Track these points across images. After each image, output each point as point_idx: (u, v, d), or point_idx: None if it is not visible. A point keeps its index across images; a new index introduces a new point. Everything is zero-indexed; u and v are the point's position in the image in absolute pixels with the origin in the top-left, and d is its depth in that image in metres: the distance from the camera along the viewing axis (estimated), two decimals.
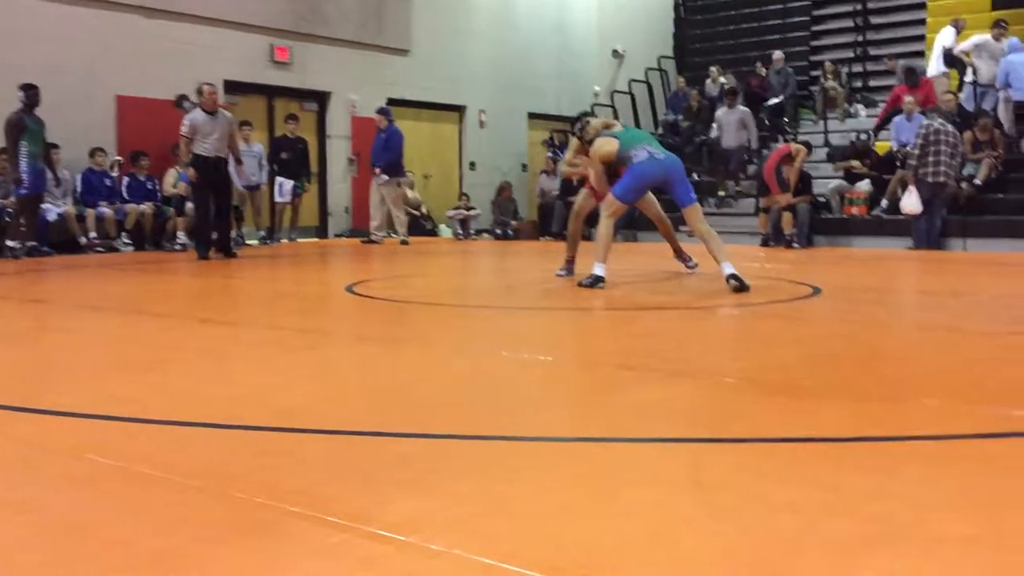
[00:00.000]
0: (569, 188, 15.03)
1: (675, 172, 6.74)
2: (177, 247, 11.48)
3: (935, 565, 1.65)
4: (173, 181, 11.82)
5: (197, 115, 9.65)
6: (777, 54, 15.61)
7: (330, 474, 2.17)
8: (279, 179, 13.00)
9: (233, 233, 10.79)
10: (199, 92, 9.83)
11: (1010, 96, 12.38)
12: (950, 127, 11.38)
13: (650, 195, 7.57)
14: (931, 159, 11.26)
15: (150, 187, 11.69)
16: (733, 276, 6.17)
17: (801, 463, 2.30)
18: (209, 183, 9.67)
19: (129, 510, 1.97)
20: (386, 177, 12.75)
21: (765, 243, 12.24)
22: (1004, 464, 2.29)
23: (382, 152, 12.75)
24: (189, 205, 10.90)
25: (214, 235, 9.87)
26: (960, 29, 13.37)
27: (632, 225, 14.03)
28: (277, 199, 13.15)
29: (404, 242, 12.73)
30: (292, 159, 13.05)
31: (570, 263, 7.62)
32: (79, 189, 11.13)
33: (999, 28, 12.87)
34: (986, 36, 12.89)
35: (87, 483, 2.16)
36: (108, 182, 11.35)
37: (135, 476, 2.17)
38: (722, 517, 1.89)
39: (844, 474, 2.19)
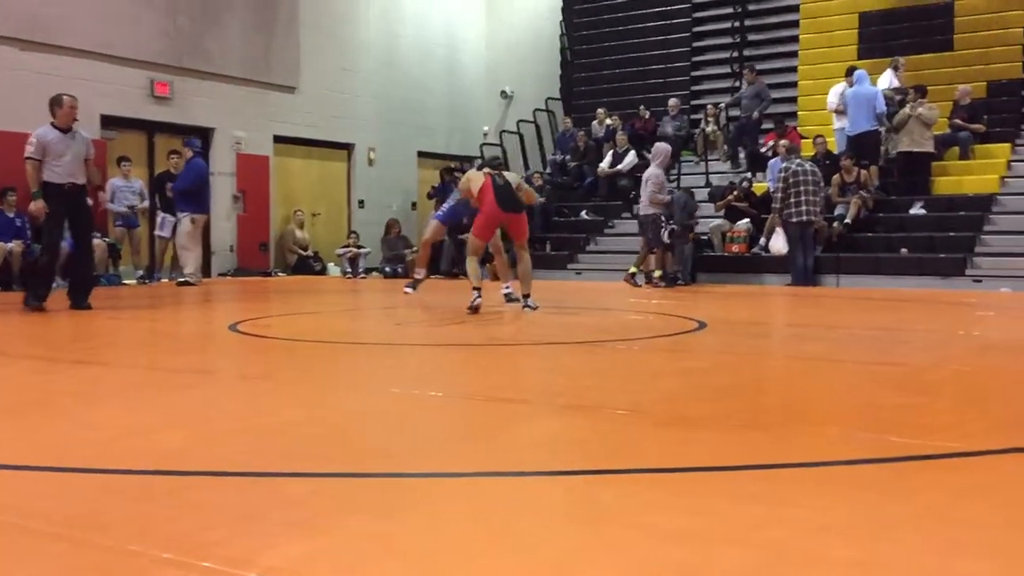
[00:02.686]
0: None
1: None
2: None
3: None
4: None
5: (47, 132, 7.86)
6: (672, 101, 16.09)
7: (210, 518, 2.06)
8: (161, 215, 12.56)
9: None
10: (56, 103, 7.99)
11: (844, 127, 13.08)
12: (808, 166, 11.89)
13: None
14: (793, 200, 11.74)
15: (19, 224, 11.15)
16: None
17: (691, 492, 2.32)
18: (63, 215, 7.90)
19: None
20: (181, 214, 12.08)
21: (649, 280, 12.51)
22: (885, 488, 2.36)
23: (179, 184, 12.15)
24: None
25: (57, 282, 8.46)
26: (899, 68, 13.87)
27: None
28: (157, 234, 12.71)
29: (185, 282, 11.81)
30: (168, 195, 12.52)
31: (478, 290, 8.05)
32: None
33: (895, 69, 13.61)
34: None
35: None
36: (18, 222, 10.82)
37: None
38: (615, 549, 1.87)
39: (732, 502, 2.21)
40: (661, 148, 11.94)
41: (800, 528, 2.00)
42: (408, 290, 8.08)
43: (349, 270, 15.07)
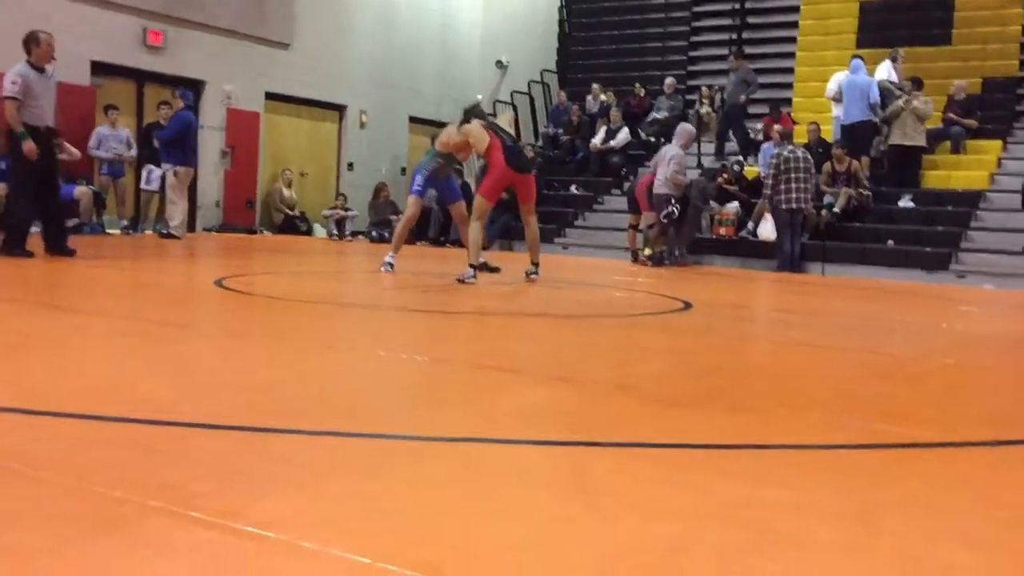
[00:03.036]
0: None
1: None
2: (34, 230, 10.83)
3: (809, 570, 1.68)
4: None
5: (28, 71, 7.53)
6: (669, 80, 16.03)
7: (196, 469, 2.05)
8: (148, 167, 12.41)
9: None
10: (33, 40, 7.61)
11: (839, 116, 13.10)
12: (801, 153, 11.89)
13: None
14: (783, 186, 11.75)
15: (3, 167, 11.00)
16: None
17: (680, 469, 2.32)
18: (38, 159, 7.61)
19: None
20: (165, 165, 11.88)
21: (635, 258, 12.52)
22: (869, 474, 2.38)
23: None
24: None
25: (35, 228, 8.09)
26: (898, 60, 13.85)
27: (508, 235, 14.12)
28: (143, 187, 12.57)
29: (170, 235, 11.59)
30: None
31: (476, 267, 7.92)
32: None
33: (894, 61, 13.57)
34: (893, 75, 13.50)
35: None
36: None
37: None
38: (603, 521, 1.88)
39: (719, 481, 2.21)
40: (685, 128, 11.93)
41: (785, 508, 2.01)
42: (385, 269, 7.86)
43: (335, 232, 15.00)
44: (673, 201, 11.45)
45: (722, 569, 1.65)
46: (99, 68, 12.66)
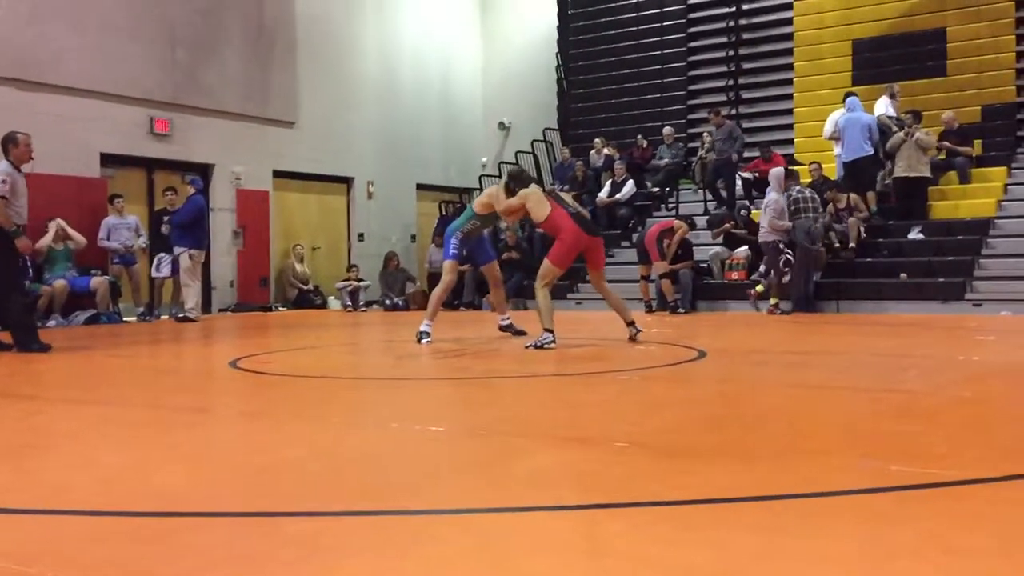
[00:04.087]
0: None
1: None
2: (51, 324, 10.99)
3: None
4: (41, 258, 11.42)
5: (11, 169, 7.48)
6: (667, 129, 16.19)
7: (210, 559, 2.06)
8: (159, 255, 12.52)
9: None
10: (11, 141, 7.59)
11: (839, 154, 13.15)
12: (808, 192, 11.94)
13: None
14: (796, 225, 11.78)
15: (20, 265, 11.17)
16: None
17: (693, 525, 2.32)
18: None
19: None
20: (179, 249, 12.06)
21: (649, 309, 12.52)
22: (885, 517, 2.36)
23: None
24: None
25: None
26: (895, 96, 13.93)
27: (520, 293, 14.16)
28: (155, 275, 12.64)
29: (185, 318, 11.77)
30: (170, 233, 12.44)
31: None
32: None
33: (892, 98, 13.62)
34: (890, 110, 13.56)
35: None
36: None
37: None
38: None
39: (733, 534, 2.20)
40: (777, 173, 11.87)
41: (801, 559, 2.00)
42: (424, 340, 7.75)
43: (349, 303, 15.09)
44: (782, 247, 11.31)
45: None
46: (108, 159, 12.92)
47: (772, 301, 11.66)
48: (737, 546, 2.10)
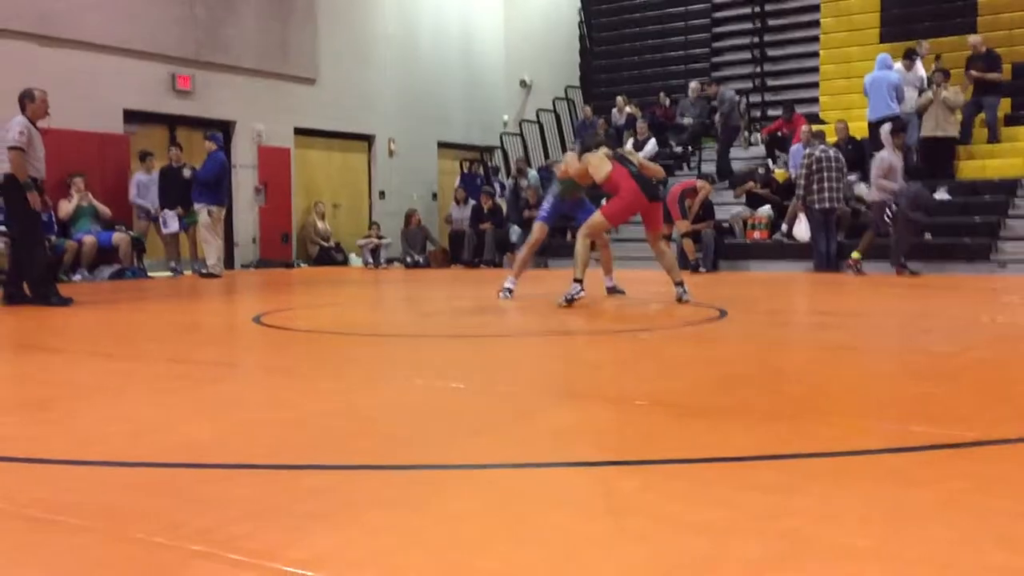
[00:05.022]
0: (480, 217, 15.14)
1: None
2: (76, 278, 11.11)
3: None
4: (68, 213, 11.53)
5: (28, 123, 7.57)
6: (693, 84, 15.98)
7: (236, 511, 2.10)
8: (163, 212, 12.48)
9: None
10: (29, 97, 7.67)
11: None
12: (832, 152, 11.80)
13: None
14: (816, 187, 11.68)
15: (45, 219, 11.27)
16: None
17: (709, 483, 2.34)
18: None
19: (20, 556, 1.87)
20: (199, 205, 12.11)
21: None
22: (904, 478, 2.37)
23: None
24: None
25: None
26: (923, 56, 13.63)
27: (542, 252, 14.14)
28: (164, 231, 12.63)
29: (209, 274, 11.88)
30: (174, 189, 12.41)
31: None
32: None
33: (909, 59, 13.32)
34: (920, 70, 13.30)
35: None
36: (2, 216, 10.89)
37: (26, 520, 2.07)
38: (633, 540, 1.90)
39: (749, 493, 2.22)
40: (885, 130, 11.55)
41: (816, 518, 2.01)
42: (506, 295, 7.87)
43: (371, 260, 15.15)
44: (890, 207, 10.88)
45: None
46: (131, 116, 12.96)
47: (855, 255, 11.22)
48: (753, 505, 2.12)
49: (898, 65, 13.36)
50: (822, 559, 1.77)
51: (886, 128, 11.61)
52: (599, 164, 7.22)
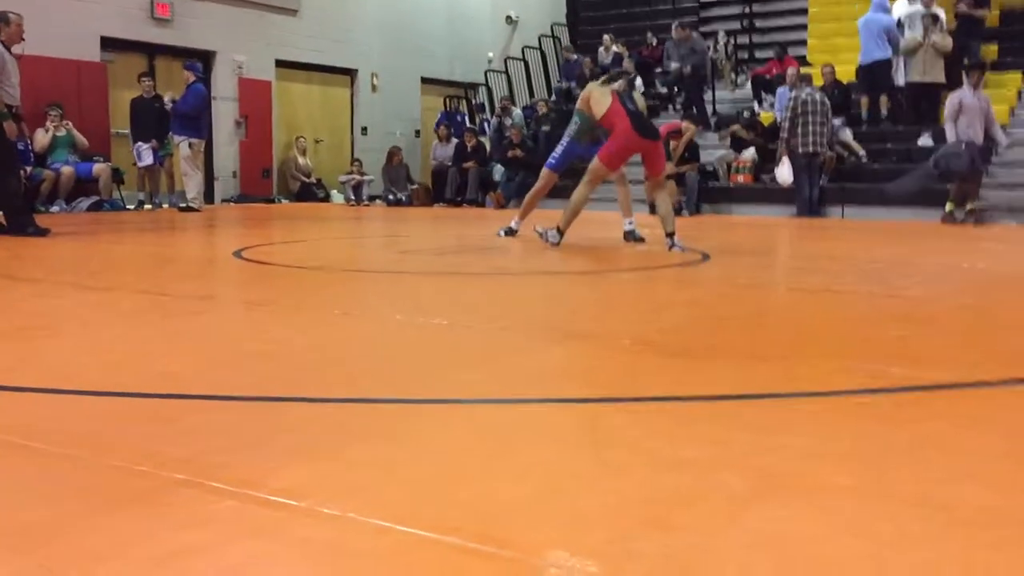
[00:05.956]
0: (463, 155, 15.01)
1: None
2: (54, 209, 10.97)
3: (817, 512, 1.70)
4: (45, 143, 11.32)
5: (3, 49, 7.40)
6: (676, 26, 15.69)
7: (216, 441, 2.09)
8: (136, 144, 12.23)
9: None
10: (3, 20, 7.50)
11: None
12: (818, 96, 11.74)
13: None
14: (799, 130, 11.63)
15: (21, 148, 11.07)
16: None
17: (691, 421, 2.34)
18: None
19: (1, 481, 1.85)
20: (179, 138, 11.90)
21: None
22: (881, 418, 2.38)
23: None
24: None
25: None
26: None
27: (522, 193, 14.05)
28: (139, 164, 12.37)
29: (188, 208, 11.70)
30: (147, 121, 12.16)
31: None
32: None
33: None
34: (916, 6, 13.07)
35: None
36: None
37: (6, 446, 2.05)
38: (615, 474, 1.90)
39: (732, 431, 2.23)
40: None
41: (797, 456, 2.02)
42: (503, 233, 7.76)
43: (352, 197, 15.02)
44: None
45: (732, 516, 1.67)
46: (109, 43, 12.67)
47: (948, 208, 10.82)
48: (733, 441, 2.13)
49: (901, 2, 13.09)
50: (803, 495, 1.79)
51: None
52: (600, 98, 6.86)
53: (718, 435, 2.18)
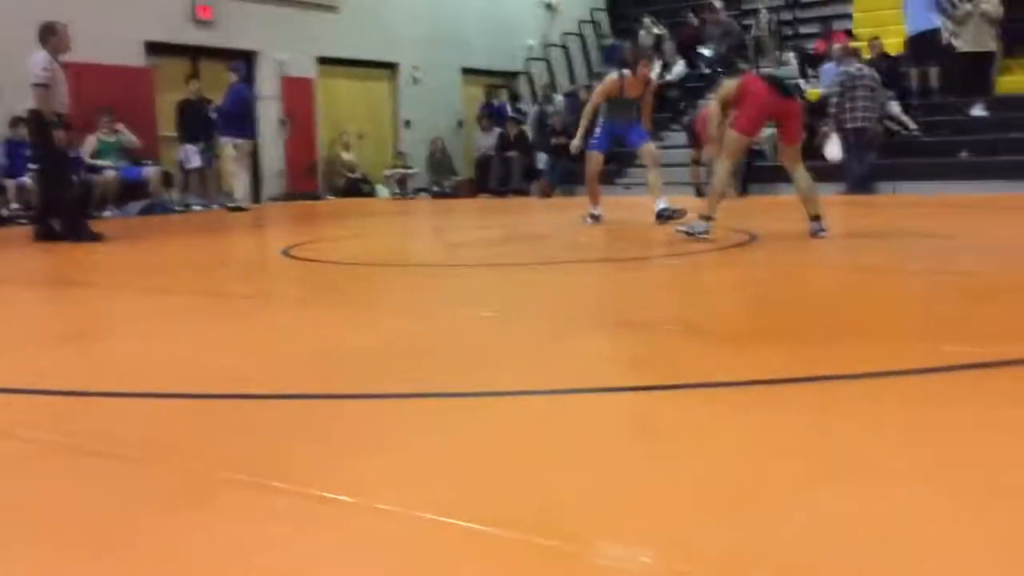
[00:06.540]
0: (506, 144, 15.01)
1: None
2: (106, 214, 11.20)
3: (875, 496, 1.68)
4: (92, 150, 11.54)
5: (50, 59, 7.47)
6: (717, 3, 15.51)
7: (274, 439, 2.13)
8: (183, 146, 12.37)
9: None
10: (50, 31, 7.53)
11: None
12: (866, 70, 11.51)
13: None
14: (848, 105, 11.42)
15: (73, 155, 11.31)
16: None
17: (744, 407, 2.33)
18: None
19: (66, 485, 1.91)
20: (224, 139, 12.04)
21: (699, 193, 12.35)
22: (938, 397, 2.35)
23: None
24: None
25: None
26: None
27: (571, 179, 14.02)
28: (187, 167, 12.50)
29: (236, 208, 11.80)
30: (195, 123, 12.30)
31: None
32: (1, 160, 10.71)
33: None
34: None
35: (20, 459, 2.08)
36: (30, 152, 10.93)
37: (70, 450, 2.11)
38: (671, 462, 1.90)
39: (787, 414, 2.22)
40: None
41: (853, 438, 2.00)
42: (589, 220, 7.94)
43: (398, 191, 15.10)
44: None
45: (789, 502, 1.66)
46: (153, 48, 12.86)
47: None
48: (787, 425, 2.11)
49: None
50: (860, 478, 1.77)
51: None
52: (727, 84, 6.51)
53: (772, 420, 2.17)
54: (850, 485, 1.74)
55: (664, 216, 7.60)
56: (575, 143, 8.37)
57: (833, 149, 12.01)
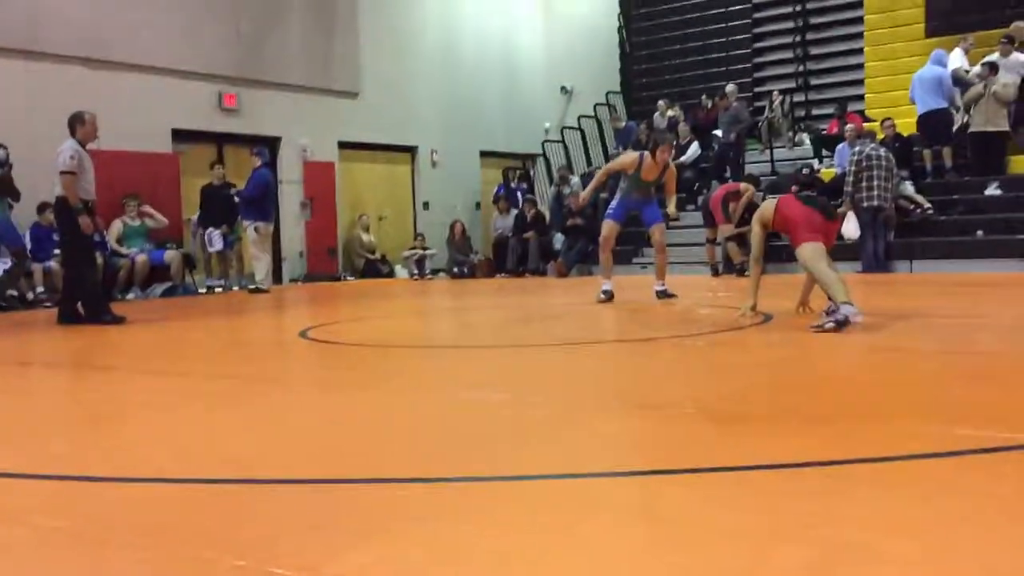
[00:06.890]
0: (523, 225, 15.18)
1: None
2: (130, 297, 11.35)
3: None
4: (118, 234, 11.78)
5: (78, 146, 7.73)
6: (730, 87, 15.81)
7: (280, 525, 2.14)
8: (208, 230, 12.64)
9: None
10: (79, 120, 7.82)
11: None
12: (882, 151, 11.64)
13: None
14: (864, 184, 11.52)
15: (97, 239, 11.53)
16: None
17: (751, 490, 2.33)
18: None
19: (72, 573, 1.92)
20: (246, 222, 12.34)
21: (715, 272, 12.40)
22: (947, 483, 2.34)
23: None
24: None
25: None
26: (968, 50, 13.45)
27: (585, 259, 14.12)
28: (210, 250, 12.78)
29: (257, 289, 12.06)
30: (218, 207, 12.60)
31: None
32: (28, 245, 10.94)
33: (1005, 44, 12.84)
34: (995, 55, 12.96)
35: (30, 547, 2.11)
36: (56, 237, 11.16)
37: (78, 537, 2.13)
38: (675, 547, 1.90)
39: (793, 499, 2.21)
40: None
41: (856, 525, 1.99)
42: (602, 296, 8.16)
43: (416, 272, 15.25)
44: None
45: None
46: (180, 135, 13.21)
47: None
48: (792, 511, 2.11)
49: (958, 51, 13.09)
50: (865, 566, 1.76)
51: None
52: (768, 205, 6.56)
53: (776, 505, 2.16)
54: (848, 573, 1.73)
55: (661, 296, 8.25)
56: (583, 194, 9.15)
57: (849, 228, 12.08)
